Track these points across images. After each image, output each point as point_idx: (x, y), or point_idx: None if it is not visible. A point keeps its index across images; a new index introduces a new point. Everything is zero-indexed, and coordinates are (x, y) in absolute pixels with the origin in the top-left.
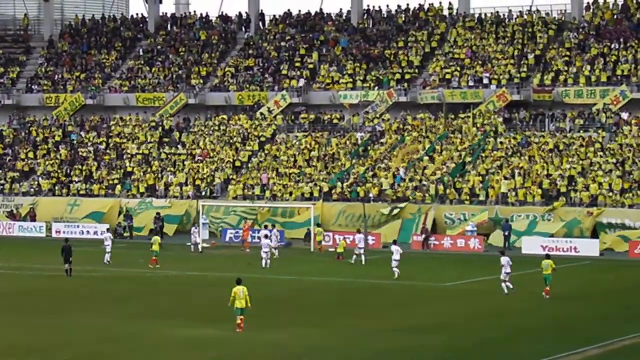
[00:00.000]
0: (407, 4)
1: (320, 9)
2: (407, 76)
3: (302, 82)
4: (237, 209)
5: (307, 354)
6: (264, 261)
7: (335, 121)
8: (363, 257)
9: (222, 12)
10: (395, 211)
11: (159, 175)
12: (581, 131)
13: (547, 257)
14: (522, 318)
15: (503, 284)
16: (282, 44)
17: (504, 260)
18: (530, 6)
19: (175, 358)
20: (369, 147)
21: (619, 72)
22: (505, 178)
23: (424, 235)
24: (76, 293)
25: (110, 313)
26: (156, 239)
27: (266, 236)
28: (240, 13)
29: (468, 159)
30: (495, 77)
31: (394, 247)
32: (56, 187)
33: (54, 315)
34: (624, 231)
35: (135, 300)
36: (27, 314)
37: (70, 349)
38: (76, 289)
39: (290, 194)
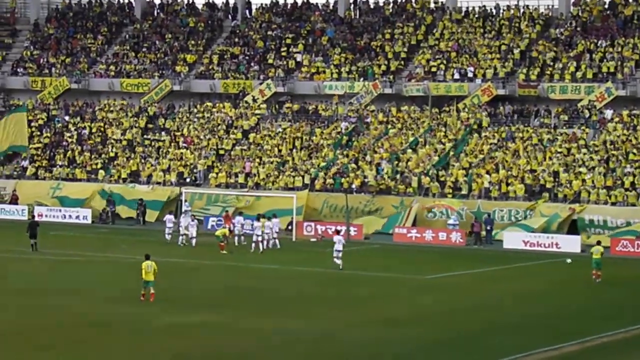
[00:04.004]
0: None
1: None
2: (392, 68)
3: (286, 71)
4: (221, 199)
5: (285, 344)
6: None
7: (320, 112)
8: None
9: (208, 0)
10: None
11: (143, 161)
12: (565, 127)
13: (598, 243)
14: (501, 313)
15: (337, 260)
16: (269, 32)
17: (337, 238)
18: (518, 1)
19: (156, 344)
20: (352, 138)
21: (604, 69)
22: (488, 172)
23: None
24: (56, 276)
25: (89, 297)
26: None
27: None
28: (227, 1)
29: (452, 152)
30: (481, 71)
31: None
32: (39, 171)
33: (32, 298)
34: (605, 229)
35: (113, 285)
36: (7, 297)
37: (48, 331)
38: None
39: (273, 183)
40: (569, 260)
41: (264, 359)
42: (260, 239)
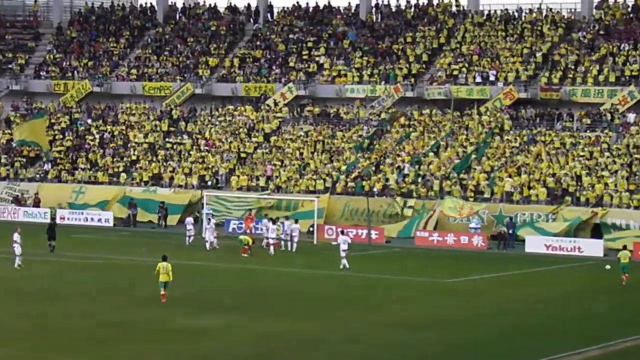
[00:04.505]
0: (417, 0)
1: (329, 3)
2: (414, 71)
3: (308, 75)
4: (241, 203)
5: (306, 346)
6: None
7: (342, 115)
8: (345, 261)
9: (230, 3)
10: (407, 212)
11: (164, 165)
12: (588, 131)
13: (624, 247)
14: (522, 317)
15: (343, 260)
16: (290, 36)
17: (342, 239)
18: (540, 4)
19: (176, 346)
20: (374, 142)
21: (627, 72)
22: (510, 176)
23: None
24: (77, 280)
25: (110, 299)
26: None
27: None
28: (248, 4)
29: (473, 155)
30: (503, 74)
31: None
32: (62, 174)
33: (53, 299)
34: (628, 232)
35: (139, 289)
36: (27, 299)
37: (68, 332)
38: (77, 275)
39: (294, 186)
40: (608, 267)
41: None
42: (273, 242)
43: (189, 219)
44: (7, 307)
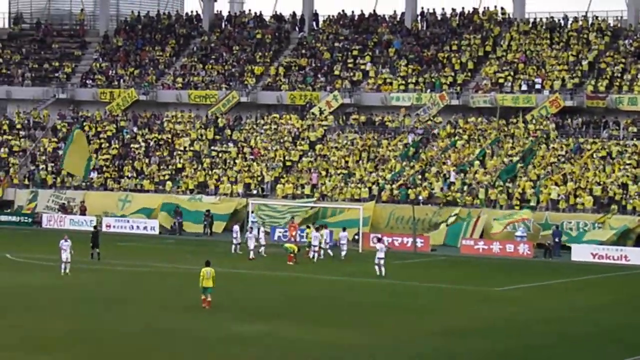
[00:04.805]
0: (462, 7)
1: (374, 11)
2: (459, 79)
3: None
4: (287, 212)
5: (349, 354)
6: (313, 254)
7: (387, 123)
8: (383, 269)
9: (276, 12)
10: (451, 220)
11: (210, 173)
12: (634, 139)
13: None
14: (569, 325)
15: (376, 267)
16: (335, 44)
17: (379, 246)
18: (586, 12)
19: (219, 354)
20: (419, 150)
21: None
22: (557, 184)
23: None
24: (123, 286)
25: (154, 306)
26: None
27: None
28: (294, 13)
29: (519, 164)
30: (549, 82)
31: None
32: (107, 182)
33: (96, 306)
34: None
35: (177, 295)
36: (74, 307)
37: (116, 339)
38: (123, 283)
39: (340, 194)
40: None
41: None
42: (316, 249)
43: (236, 227)
44: (53, 314)
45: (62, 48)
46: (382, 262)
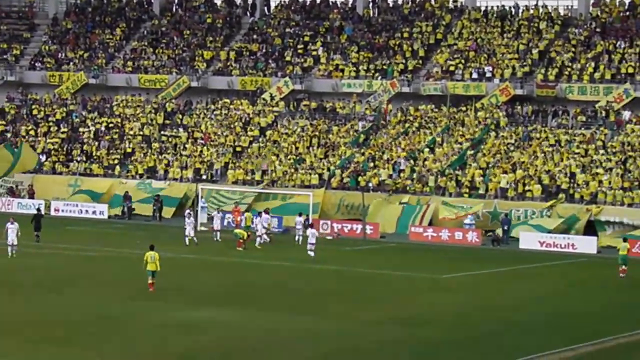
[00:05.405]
0: None
1: None
2: (410, 67)
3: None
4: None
5: (297, 341)
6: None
7: (338, 110)
8: (313, 253)
9: None
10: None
11: (159, 157)
12: (583, 128)
13: (625, 240)
14: (515, 313)
15: (310, 252)
16: (287, 30)
17: (310, 232)
18: (537, 1)
19: (165, 339)
20: (370, 137)
21: (623, 70)
22: (505, 172)
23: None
24: (69, 272)
25: (101, 291)
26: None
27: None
28: None
29: (469, 152)
30: (499, 70)
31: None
32: (56, 166)
33: (44, 291)
34: (622, 229)
35: (125, 280)
36: (23, 291)
37: (62, 326)
38: (69, 266)
39: (290, 180)
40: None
41: (276, 356)
42: (259, 233)
43: (188, 212)
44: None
45: (11, 30)
46: (313, 247)
